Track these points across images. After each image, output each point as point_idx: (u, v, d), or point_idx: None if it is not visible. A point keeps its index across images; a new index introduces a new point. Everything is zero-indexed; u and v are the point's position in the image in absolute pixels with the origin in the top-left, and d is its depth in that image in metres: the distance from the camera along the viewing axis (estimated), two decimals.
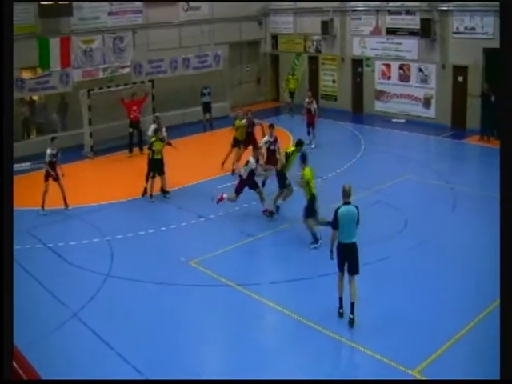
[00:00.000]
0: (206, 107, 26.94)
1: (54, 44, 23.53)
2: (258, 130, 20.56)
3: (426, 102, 26.70)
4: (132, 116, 23.27)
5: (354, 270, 10.80)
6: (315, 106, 23.57)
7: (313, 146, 22.83)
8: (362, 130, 25.84)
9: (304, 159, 14.28)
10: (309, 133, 23.36)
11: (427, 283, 12.37)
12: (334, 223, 10.65)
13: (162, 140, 18.05)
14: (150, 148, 18.06)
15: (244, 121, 20.36)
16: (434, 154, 23.23)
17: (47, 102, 25.70)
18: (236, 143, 20.36)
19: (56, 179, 17.14)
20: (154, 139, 18.02)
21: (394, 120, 27.33)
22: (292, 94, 30.13)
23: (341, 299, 10.95)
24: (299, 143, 16.23)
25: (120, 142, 23.54)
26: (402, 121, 26.99)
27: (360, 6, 28.76)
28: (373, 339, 10.39)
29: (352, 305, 10.77)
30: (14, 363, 1.85)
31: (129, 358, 10.01)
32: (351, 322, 10.74)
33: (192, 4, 29.48)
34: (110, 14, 26.42)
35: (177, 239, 15.43)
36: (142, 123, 23.56)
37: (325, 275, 12.60)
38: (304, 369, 9.75)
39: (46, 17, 23.88)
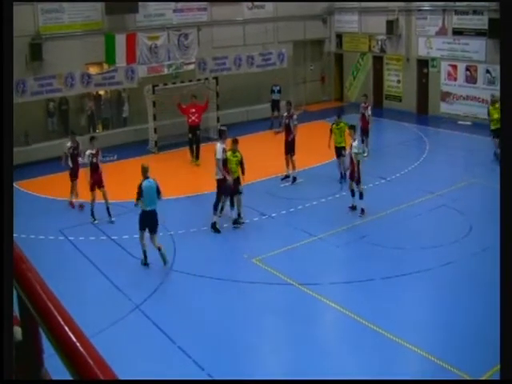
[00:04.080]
0: (275, 105, 26.87)
1: (120, 40, 23.81)
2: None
3: None
4: (190, 120, 21.97)
5: (154, 231, 13.19)
6: (370, 112, 21.66)
7: (365, 155, 20.27)
8: (426, 132, 25.33)
9: None
10: (362, 141, 20.88)
11: (490, 291, 12.03)
12: (139, 194, 13.01)
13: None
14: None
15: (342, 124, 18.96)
16: None
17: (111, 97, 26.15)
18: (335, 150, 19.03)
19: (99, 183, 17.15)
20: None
21: (459, 122, 26.61)
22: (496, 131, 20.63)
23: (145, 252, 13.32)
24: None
25: (184, 137, 23.32)
26: (468, 123, 26.33)
27: (426, 5, 28.21)
28: (431, 343, 10.28)
29: None
30: (90, 361, 1.79)
31: (190, 353, 10.07)
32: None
33: (256, 2, 29.49)
34: (174, 11, 26.69)
35: (239, 236, 15.45)
36: (203, 123, 22.97)
37: (387, 278, 12.54)
38: (357, 367, 9.74)
39: (112, 14, 24.30)
